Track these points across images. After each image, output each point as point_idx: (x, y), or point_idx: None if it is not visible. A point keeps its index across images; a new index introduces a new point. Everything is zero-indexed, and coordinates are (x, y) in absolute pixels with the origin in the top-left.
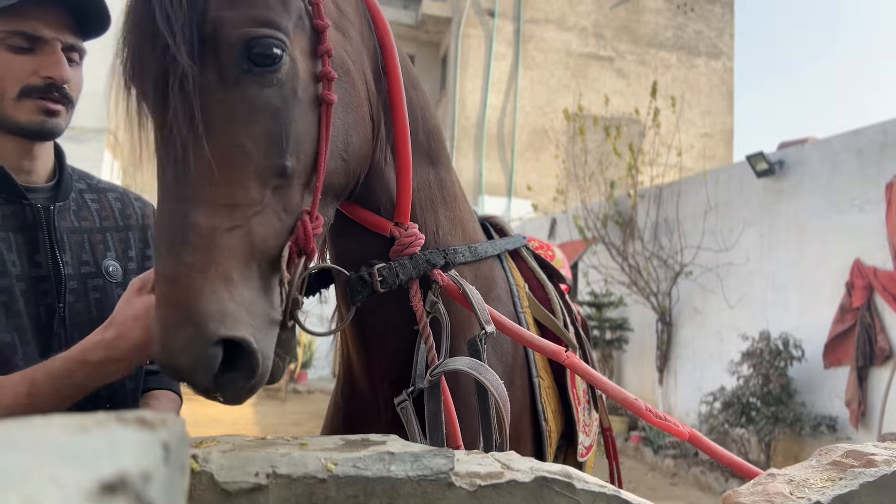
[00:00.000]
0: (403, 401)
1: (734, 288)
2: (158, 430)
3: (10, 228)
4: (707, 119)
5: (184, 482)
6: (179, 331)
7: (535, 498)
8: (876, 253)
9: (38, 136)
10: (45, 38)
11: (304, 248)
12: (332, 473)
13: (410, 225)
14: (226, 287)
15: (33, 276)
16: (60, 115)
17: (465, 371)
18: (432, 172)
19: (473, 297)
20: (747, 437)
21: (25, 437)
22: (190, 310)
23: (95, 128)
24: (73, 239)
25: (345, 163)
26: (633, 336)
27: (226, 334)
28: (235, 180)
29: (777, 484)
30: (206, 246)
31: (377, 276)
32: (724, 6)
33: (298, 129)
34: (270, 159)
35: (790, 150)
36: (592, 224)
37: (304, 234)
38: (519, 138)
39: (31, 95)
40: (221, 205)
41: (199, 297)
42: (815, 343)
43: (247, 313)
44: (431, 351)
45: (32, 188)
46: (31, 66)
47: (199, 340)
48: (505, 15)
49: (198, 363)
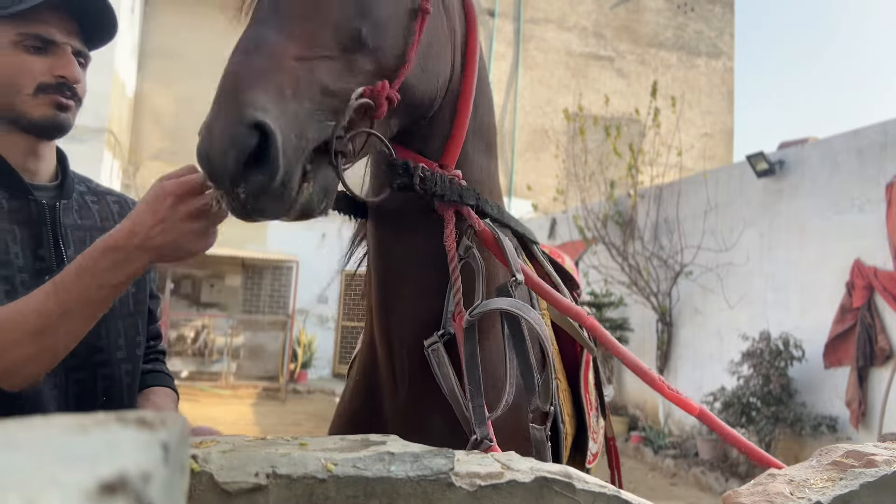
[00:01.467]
0: (434, 342)
1: (734, 288)
2: (158, 430)
3: (16, 222)
4: (707, 119)
5: (184, 482)
6: (221, 112)
7: (535, 498)
8: (876, 253)
9: (50, 129)
10: (58, 42)
11: (374, 98)
12: (332, 473)
13: (455, 171)
14: (278, 94)
15: (37, 268)
16: (70, 111)
17: (508, 310)
18: (485, 160)
19: (507, 247)
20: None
21: (25, 437)
22: (237, 95)
23: (95, 128)
24: (76, 235)
25: (423, 72)
26: (633, 336)
27: (261, 118)
28: (316, 21)
29: (777, 484)
30: (273, 60)
31: (419, 173)
32: (724, 6)
33: (389, 15)
34: (352, 22)
35: (790, 150)
36: (592, 224)
37: (380, 90)
38: (519, 138)
39: (46, 91)
40: (298, 36)
41: (249, 88)
42: (815, 343)
43: (284, 117)
44: (458, 294)
45: (38, 186)
46: (45, 65)
47: (236, 120)
48: (505, 15)
49: (231, 142)
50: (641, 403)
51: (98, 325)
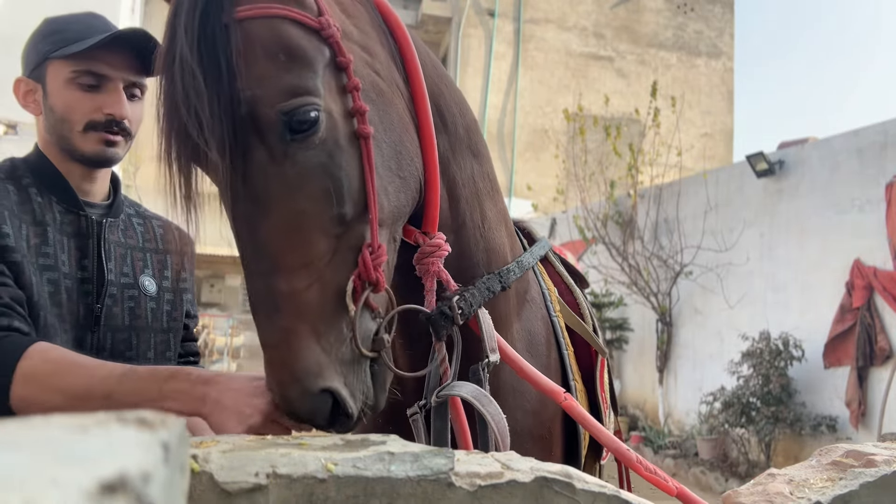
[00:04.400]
0: (415, 413)
1: (734, 288)
2: (158, 430)
3: (66, 234)
4: (707, 119)
5: (184, 482)
6: (290, 387)
7: (535, 498)
8: (876, 253)
9: (99, 164)
10: (110, 77)
11: (368, 280)
12: (332, 473)
13: (437, 235)
14: (316, 340)
15: (79, 277)
16: (119, 146)
17: (467, 399)
18: (476, 166)
19: (485, 322)
20: (747, 437)
21: (25, 437)
22: (294, 369)
23: None
24: (118, 252)
25: (402, 180)
26: (633, 336)
27: (324, 385)
28: (303, 242)
29: (777, 484)
30: (292, 309)
31: (457, 310)
32: (724, 6)
33: (347, 173)
34: (330, 212)
35: (790, 150)
36: (592, 224)
37: (365, 266)
38: (519, 138)
39: (96, 129)
40: (296, 267)
41: (297, 357)
42: (815, 343)
43: (338, 361)
44: (444, 363)
45: (90, 204)
46: (96, 103)
47: (307, 394)
48: (505, 15)
49: (313, 411)
50: (641, 403)
51: (129, 335)
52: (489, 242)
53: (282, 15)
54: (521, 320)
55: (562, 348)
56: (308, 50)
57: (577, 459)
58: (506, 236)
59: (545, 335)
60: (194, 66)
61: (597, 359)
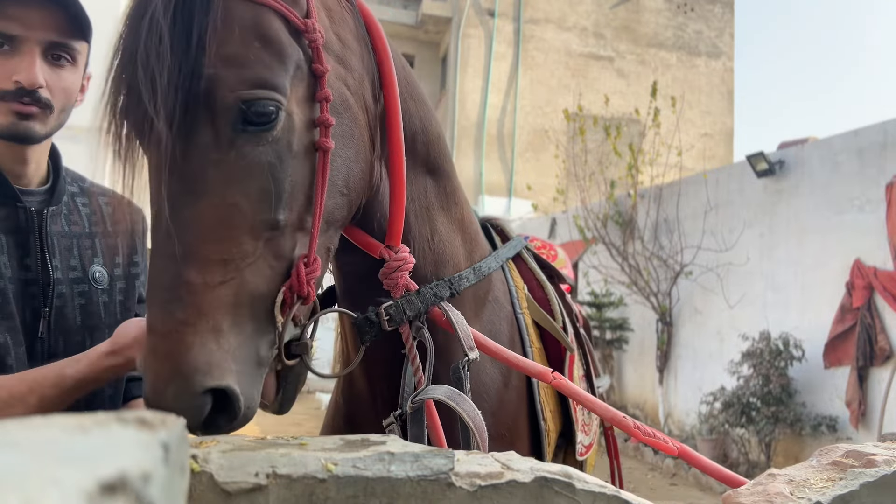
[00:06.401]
0: (391, 423)
1: (734, 288)
2: (158, 430)
3: (3, 231)
4: (707, 119)
5: (184, 482)
6: (169, 383)
7: (535, 498)
8: (876, 253)
9: (13, 139)
10: (22, 38)
11: (299, 293)
12: (332, 473)
13: (402, 248)
14: (215, 338)
15: (21, 279)
16: (35, 119)
17: (443, 401)
18: (430, 181)
19: (458, 322)
20: (747, 438)
21: (25, 437)
22: (179, 363)
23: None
24: (63, 244)
25: (344, 197)
26: (633, 336)
27: (211, 384)
28: (228, 237)
29: (777, 484)
30: (198, 302)
31: (384, 316)
32: (724, 6)
33: (294, 181)
34: (264, 214)
35: (790, 150)
36: (592, 224)
37: (299, 280)
38: (519, 138)
39: (4, 99)
40: (214, 260)
41: (188, 351)
42: (815, 343)
43: (233, 360)
44: (418, 372)
45: (27, 191)
46: (6, 69)
47: (188, 392)
48: (505, 15)
49: (187, 412)
50: (641, 403)
51: (82, 337)
52: (438, 255)
53: (270, 5)
54: (481, 321)
55: (525, 345)
56: (286, 47)
57: (542, 456)
58: (461, 245)
59: (508, 333)
60: (164, 28)
61: (566, 355)
